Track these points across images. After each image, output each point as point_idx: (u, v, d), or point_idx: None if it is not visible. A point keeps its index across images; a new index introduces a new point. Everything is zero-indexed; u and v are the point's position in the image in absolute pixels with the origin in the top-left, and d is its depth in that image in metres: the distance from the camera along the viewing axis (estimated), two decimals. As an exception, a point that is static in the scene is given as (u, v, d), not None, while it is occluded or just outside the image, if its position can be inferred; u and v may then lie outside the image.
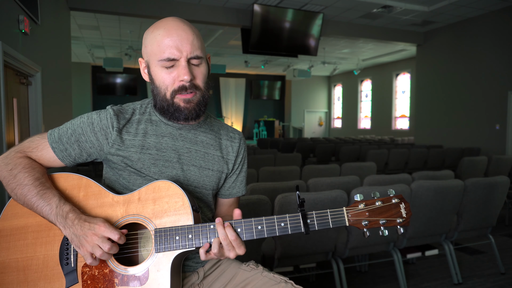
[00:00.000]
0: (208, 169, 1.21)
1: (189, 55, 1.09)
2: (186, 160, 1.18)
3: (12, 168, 1.08)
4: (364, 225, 1.05)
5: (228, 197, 1.32)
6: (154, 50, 1.09)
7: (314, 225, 1.05)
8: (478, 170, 5.22)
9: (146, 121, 1.18)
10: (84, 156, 1.15)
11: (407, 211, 1.07)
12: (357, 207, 1.07)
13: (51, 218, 1.03)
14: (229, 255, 1.04)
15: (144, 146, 1.14)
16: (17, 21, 3.60)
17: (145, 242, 1.10)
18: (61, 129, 1.15)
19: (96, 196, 1.10)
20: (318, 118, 18.80)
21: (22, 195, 1.05)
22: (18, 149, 1.13)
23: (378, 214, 1.06)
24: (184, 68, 1.08)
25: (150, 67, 1.14)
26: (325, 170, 4.02)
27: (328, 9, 7.95)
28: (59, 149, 1.12)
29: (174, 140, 1.18)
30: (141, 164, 1.13)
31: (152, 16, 7.35)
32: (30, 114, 4.26)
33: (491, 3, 7.36)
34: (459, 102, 8.71)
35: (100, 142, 1.13)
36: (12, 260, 1.06)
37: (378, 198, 1.08)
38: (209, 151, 1.22)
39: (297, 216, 1.05)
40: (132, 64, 14.60)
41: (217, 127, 1.29)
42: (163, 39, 1.08)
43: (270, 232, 1.05)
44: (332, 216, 1.05)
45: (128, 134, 1.15)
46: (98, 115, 1.15)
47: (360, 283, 2.95)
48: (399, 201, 1.08)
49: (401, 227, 1.07)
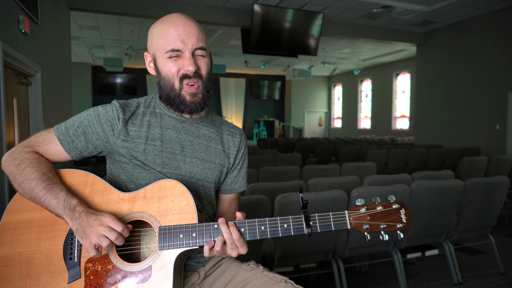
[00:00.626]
0: (210, 162, 1.23)
1: (194, 46, 1.13)
2: (189, 152, 1.20)
3: (20, 163, 1.09)
4: (365, 229, 1.08)
5: (230, 192, 1.34)
6: (160, 43, 1.13)
7: (317, 227, 1.07)
8: (478, 170, 5.22)
9: (151, 113, 1.21)
10: (90, 148, 1.16)
11: (407, 217, 1.10)
12: (359, 211, 1.09)
13: (58, 211, 1.04)
14: (231, 253, 1.06)
15: (148, 137, 1.17)
16: (17, 21, 3.60)
17: (147, 240, 1.11)
18: (68, 122, 1.17)
19: (102, 193, 1.11)
20: (318, 118, 18.81)
21: (29, 189, 1.06)
22: (25, 144, 1.15)
23: (379, 218, 1.09)
24: (189, 59, 1.12)
25: (157, 59, 1.17)
26: (325, 170, 4.02)
27: (328, 9, 7.95)
28: (66, 141, 1.14)
29: (177, 132, 1.20)
30: (145, 156, 1.15)
31: (152, 16, 7.35)
32: (30, 114, 4.26)
33: (491, 3, 7.36)
34: (459, 102, 8.71)
35: (106, 133, 1.15)
36: (15, 253, 1.07)
37: (379, 203, 1.10)
38: (211, 144, 1.25)
39: (300, 218, 1.07)
40: (132, 64, 14.60)
41: (218, 122, 1.32)
42: (169, 32, 1.12)
43: (273, 233, 1.07)
44: (335, 219, 1.08)
45: (134, 126, 1.17)
46: (104, 107, 1.18)
47: (360, 283, 2.95)
48: (400, 206, 1.10)
49: (400, 232, 1.09)
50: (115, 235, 0.99)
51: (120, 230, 1.00)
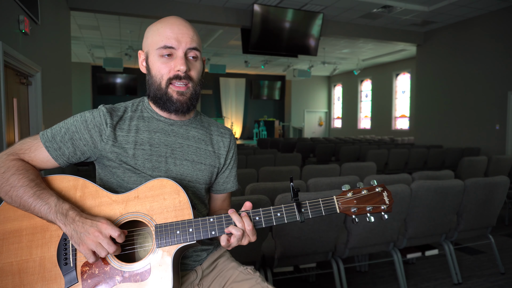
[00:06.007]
0: (200, 163, 1.24)
1: (187, 46, 1.14)
2: (179, 155, 1.20)
3: (5, 171, 1.06)
4: (353, 212, 1.13)
5: (223, 192, 1.35)
6: (154, 40, 1.14)
7: (308, 213, 1.12)
8: (478, 170, 5.22)
9: (138, 117, 1.20)
10: (78, 154, 1.14)
11: (389, 199, 1.15)
12: (346, 195, 1.14)
13: (50, 216, 1.01)
14: (244, 242, 1.10)
15: (137, 142, 1.16)
16: (17, 21, 3.60)
17: (142, 240, 1.11)
18: (54, 128, 1.15)
19: (93, 196, 1.09)
20: (318, 118, 18.81)
21: (17, 197, 1.03)
22: (10, 152, 1.11)
23: (365, 201, 1.14)
24: (181, 59, 1.13)
25: (149, 57, 1.17)
26: (325, 170, 4.02)
27: (328, 9, 7.95)
28: (52, 148, 1.12)
29: (166, 135, 1.20)
30: (135, 160, 1.15)
31: (152, 16, 7.35)
32: (30, 114, 4.26)
33: (491, 3, 7.36)
34: (459, 102, 8.71)
35: (94, 139, 1.14)
36: (5, 264, 1.04)
37: (363, 187, 1.16)
38: (201, 146, 1.25)
39: (291, 206, 1.12)
40: (132, 64, 14.60)
41: (207, 123, 1.32)
42: (165, 30, 1.14)
43: (268, 222, 1.11)
44: (324, 204, 1.13)
45: (121, 131, 1.16)
46: (91, 113, 1.16)
47: (360, 283, 2.95)
48: (382, 189, 1.16)
49: (385, 213, 1.15)
50: (113, 248, 0.99)
51: (116, 235, 0.99)
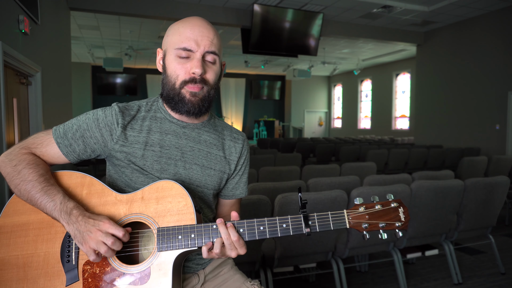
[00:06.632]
0: (210, 169, 1.21)
1: (206, 49, 1.11)
2: (189, 158, 1.18)
3: (17, 164, 1.08)
4: (364, 228, 1.07)
5: (231, 198, 1.32)
6: (174, 39, 1.12)
7: (316, 227, 1.06)
8: (478, 170, 5.22)
9: (151, 118, 1.18)
10: (88, 152, 1.15)
11: (405, 215, 1.09)
12: (357, 210, 1.08)
13: (54, 214, 1.03)
14: (230, 254, 1.05)
15: (147, 143, 1.15)
16: (17, 21, 3.60)
17: (146, 242, 1.11)
18: (66, 125, 1.15)
19: (99, 194, 1.10)
20: (318, 118, 18.80)
21: (26, 191, 1.05)
22: (23, 145, 1.13)
23: (378, 217, 1.08)
24: (198, 61, 1.10)
25: (166, 56, 1.15)
26: (325, 170, 4.02)
27: (328, 9, 7.95)
28: (64, 144, 1.13)
29: (177, 138, 1.18)
30: (144, 161, 1.14)
31: (152, 16, 7.35)
32: (30, 114, 4.26)
33: (491, 3, 7.36)
34: (459, 102, 8.71)
35: (105, 138, 1.14)
36: (12, 257, 1.06)
37: (378, 202, 1.10)
38: (212, 150, 1.22)
39: (298, 218, 1.06)
40: (132, 64, 14.60)
41: (220, 127, 1.28)
42: (185, 31, 1.11)
43: (272, 233, 1.06)
44: (333, 218, 1.07)
45: (133, 131, 1.15)
46: (104, 111, 1.15)
47: (360, 283, 2.95)
48: (398, 205, 1.10)
49: (399, 230, 1.08)
50: (111, 240, 0.98)
51: (121, 236, 0.99)
